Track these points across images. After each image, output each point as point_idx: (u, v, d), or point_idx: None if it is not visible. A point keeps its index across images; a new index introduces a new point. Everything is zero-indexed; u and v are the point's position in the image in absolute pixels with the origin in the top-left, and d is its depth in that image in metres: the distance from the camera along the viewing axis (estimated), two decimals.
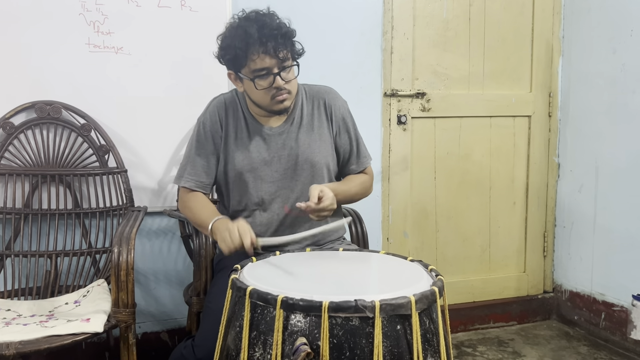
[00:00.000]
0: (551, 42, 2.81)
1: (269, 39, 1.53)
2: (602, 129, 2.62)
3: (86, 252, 2.05)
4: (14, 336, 1.49)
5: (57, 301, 1.86)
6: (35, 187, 2.02)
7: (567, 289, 2.85)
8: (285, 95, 1.62)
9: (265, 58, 1.55)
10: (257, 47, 1.54)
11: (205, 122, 1.74)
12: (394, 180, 2.62)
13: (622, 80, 2.50)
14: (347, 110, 1.80)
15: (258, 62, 1.56)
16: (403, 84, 2.59)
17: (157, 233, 2.29)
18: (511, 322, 2.85)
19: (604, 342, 2.61)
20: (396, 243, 2.66)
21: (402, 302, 1.12)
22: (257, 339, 1.16)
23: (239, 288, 1.21)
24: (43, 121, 2.03)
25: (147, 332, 2.31)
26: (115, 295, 1.60)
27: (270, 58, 1.55)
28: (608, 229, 2.59)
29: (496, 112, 2.76)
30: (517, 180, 2.84)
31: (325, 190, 1.55)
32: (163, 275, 2.32)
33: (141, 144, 2.18)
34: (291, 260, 1.47)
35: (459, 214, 2.76)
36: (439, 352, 1.20)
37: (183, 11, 2.19)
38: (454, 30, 2.65)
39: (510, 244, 2.87)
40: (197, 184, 1.73)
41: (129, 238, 1.63)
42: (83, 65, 2.09)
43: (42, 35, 2.04)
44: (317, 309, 1.10)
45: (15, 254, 1.98)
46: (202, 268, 1.74)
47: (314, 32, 2.40)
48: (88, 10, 2.08)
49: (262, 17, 1.57)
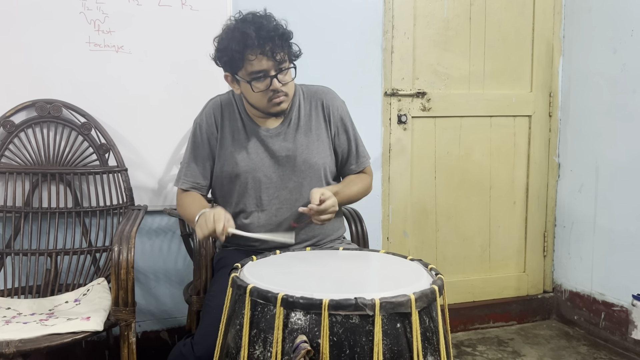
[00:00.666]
0: (552, 42, 2.81)
1: (266, 41, 1.53)
2: (603, 128, 2.62)
3: (86, 250, 2.05)
4: (14, 334, 1.49)
5: (57, 300, 1.86)
6: (35, 185, 2.02)
7: (567, 289, 2.85)
8: (282, 98, 1.62)
9: (262, 60, 1.54)
10: (254, 50, 1.53)
11: (201, 123, 1.75)
12: (394, 179, 2.62)
13: (623, 80, 2.50)
14: (345, 110, 1.79)
15: (255, 65, 1.55)
16: (403, 83, 2.59)
17: (157, 232, 2.30)
18: (511, 321, 2.85)
19: (603, 342, 2.61)
20: (396, 242, 2.66)
21: (402, 301, 1.12)
22: (258, 337, 1.16)
23: (239, 286, 1.21)
24: (43, 120, 2.03)
25: (147, 331, 2.31)
26: (115, 294, 1.60)
27: (267, 60, 1.55)
28: (608, 229, 2.59)
29: (496, 112, 2.76)
30: (517, 180, 2.84)
31: (326, 193, 1.55)
32: (163, 274, 2.32)
33: (141, 142, 2.19)
34: (291, 259, 1.47)
35: (459, 213, 2.76)
36: (439, 350, 1.20)
37: (183, 10, 2.19)
38: (454, 30, 2.65)
39: (510, 244, 2.87)
40: (193, 185, 1.75)
41: (129, 237, 1.63)
42: (83, 63, 2.09)
43: (43, 34, 2.04)
44: (317, 306, 1.10)
45: (15, 253, 1.98)
46: (202, 267, 1.74)
47: (314, 31, 2.40)
48: (89, 9, 2.08)
49: (259, 19, 1.56)
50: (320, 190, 1.56)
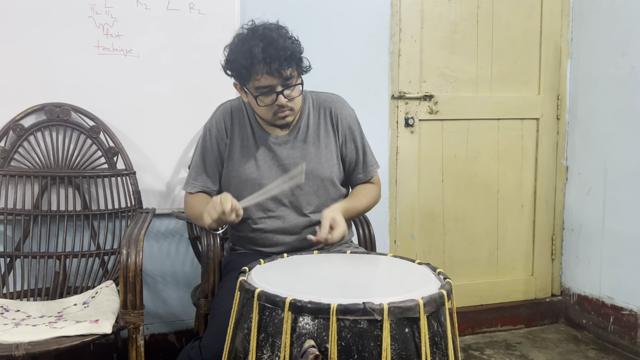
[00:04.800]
0: (559, 45, 2.80)
1: (274, 59, 1.51)
2: (611, 131, 2.60)
3: (95, 253, 2.06)
4: (23, 337, 1.50)
5: (66, 302, 1.87)
6: (44, 188, 2.03)
7: (575, 293, 2.84)
8: (287, 112, 1.62)
9: (268, 78, 1.54)
10: (261, 67, 1.52)
11: (211, 129, 1.75)
12: (401, 182, 2.62)
13: (631, 82, 2.49)
14: (354, 119, 1.79)
15: (262, 81, 1.55)
16: (411, 86, 2.59)
17: (165, 235, 2.30)
18: (519, 325, 2.84)
19: (612, 346, 2.59)
20: (403, 246, 2.65)
21: (411, 305, 1.11)
22: (265, 341, 1.17)
23: (247, 290, 1.22)
24: (52, 123, 2.05)
25: (155, 334, 2.32)
26: (123, 297, 1.61)
27: (274, 78, 1.54)
28: (616, 232, 2.58)
29: (504, 115, 2.75)
30: (525, 183, 2.83)
31: (337, 220, 1.55)
32: (171, 277, 2.33)
33: (149, 146, 2.19)
34: (299, 263, 1.47)
35: (467, 216, 2.75)
36: (447, 355, 1.20)
37: (191, 14, 2.20)
38: (461, 33, 2.65)
39: (518, 247, 2.86)
40: (201, 189, 1.77)
41: (137, 240, 1.64)
42: (92, 67, 2.10)
43: (52, 38, 2.05)
44: (326, 311, 1.10)
45: (24, 255, 1.99)
46: (209, 270, 1.74)
47: (321, 35, 2.40)
48: (97, 13, 2.09)
49: (269, 34, 1.53)
50: (331, 215, 1.56)
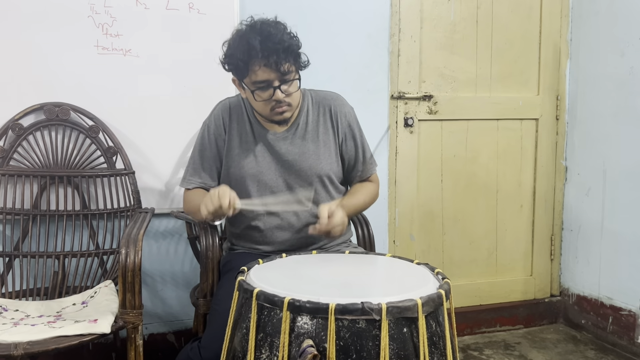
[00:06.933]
0: (559, 45, 2.80)
1: (271, 52, 1.52)
2: (610, 132, 2.60)
3: (94, 253, 2.06)
4: (22, 336, 1.50)
5: (65, 302, 1.87)
6: (43, 188, 2.03)
7: (574, 293, 2.84)
8: (284, 108, 1.62)
9: (266, 71, 1.54)
10: (259, 60, 1.53)
11: (209, 125, 1.76)
12: (400, 182, 2.62)
13: (630, 83, 2.49)
14: (353, 117, 1.79)
15: (259, 75, 1.55)
16: (410, 86, 2.59)
17: (164, 234, 2.30)
18: (518, 325, 2.84)
19: (611, 346, 2.59)
20: (402, 246, 2.65)
21: (409, 305, 1.12)
22: (264, 341, 1.17)
23: (245, 290, 1.22)
24: (52, 123, 2.05)
25: (154, 334, 2.32)
26: (122, 297, 1.61)
27: (271, 72, 1.54)
28: (615, 233, 2.58)
29: (503, 115, 2.75)
30: (524, 183, 2.83)
31: (333, 208, 1.55)
32: (170, 276, 2.33)
33: (148, 145, 2.19)
34: (297, 262, 1.47)
35: (466, 216, 2.75)
36: (446, 355, 1.20)
37: (191, 14, 2.20)
38: (461, 33, 2.65)
39: (517, 247, 2.86)
40: (199, 186, 1.76)
41: (136, 239, 1.64)
42: (92, 67, 2.10)
43: (51, 37, 2.05)
44: (324, 311, 1.10)
45: (23, 255, 1.99)
46: (208, 270, 1.74)
47: (321, 35, 2.40)
48: (97, 12, 2.09)
49: (267, 28, 1.54)
50: (327, 205, 1.56)
